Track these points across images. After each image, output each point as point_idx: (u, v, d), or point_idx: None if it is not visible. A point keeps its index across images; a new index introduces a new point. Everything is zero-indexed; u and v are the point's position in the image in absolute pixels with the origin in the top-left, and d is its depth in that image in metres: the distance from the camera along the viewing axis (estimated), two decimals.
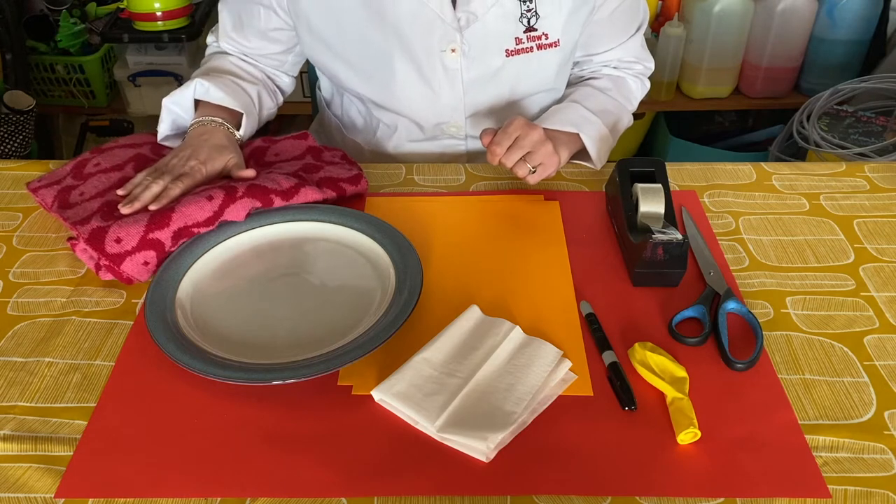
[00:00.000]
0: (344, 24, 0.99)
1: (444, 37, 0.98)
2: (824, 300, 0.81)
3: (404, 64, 1.00)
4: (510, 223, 0.92)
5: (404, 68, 1.01)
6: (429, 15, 0.96)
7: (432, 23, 0.97)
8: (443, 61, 1.00)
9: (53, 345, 0.76)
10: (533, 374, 0.71)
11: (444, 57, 1.00)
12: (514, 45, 1.00)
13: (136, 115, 2.09)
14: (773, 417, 0.68)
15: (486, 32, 0.98)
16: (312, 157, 0.98)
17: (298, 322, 0.77)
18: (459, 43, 0.98)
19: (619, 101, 1.09)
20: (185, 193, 0.88)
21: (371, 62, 1.02)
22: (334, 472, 0.64)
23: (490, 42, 0.99)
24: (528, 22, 0.99)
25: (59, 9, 1.98)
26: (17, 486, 0.63)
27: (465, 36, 0.98)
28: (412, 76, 1.02)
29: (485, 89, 1.04)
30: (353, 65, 1.03)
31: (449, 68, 1.01)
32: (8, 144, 1.78)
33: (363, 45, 1.00)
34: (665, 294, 0.81)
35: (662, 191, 0.84)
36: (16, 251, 0.89)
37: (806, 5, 1.95)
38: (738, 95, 2.15)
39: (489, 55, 1.00)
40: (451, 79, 1.02)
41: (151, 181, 0.88)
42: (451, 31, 0.98)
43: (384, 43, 0.99)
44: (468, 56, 1.00)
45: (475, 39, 0.99)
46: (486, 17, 0.97)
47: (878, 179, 1.00)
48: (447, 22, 0.97)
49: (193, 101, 1.01)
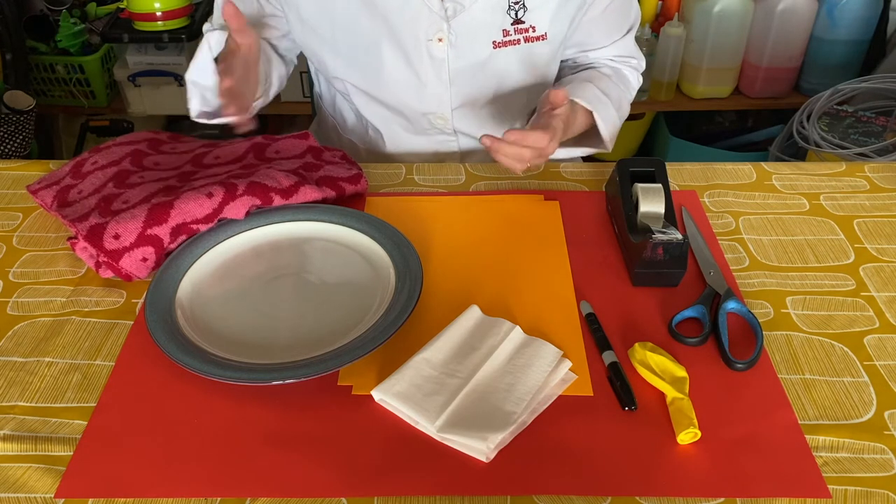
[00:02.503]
0: (333, 12, 0.99)
1: (430, 26, 0.98)
2: (824, 300, 0.81)
3: (392, 52, 1.01)
4: (510, 223, 0.92)
5: (392, 56, 1.01)
6: (416, 3, 0.96)
7: (419, 11, 0.97)
8: (429, 50, 1.00)
9: (53, 345, 0.76)
10: (533, 374, 0.71)
11: (431, 46, 1.00)
12: (502, 36, 1.00)
13: (136, 115, 2.09)
14: (773, 417, 0.68)
15: (473, 23, 0.99)
16: (313, 156, 0.98)
17: (298, 322, 0.77)
18: (446, 32, 0.99)
19: (621, 88, 1.09)
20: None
21: (359, 50, 1.02)
22: (334, 472, 0.64)
23: (477, 33, 0.99)
24: (515, 14, 0.99)
25: (59, 9, 1.98)
26: (17, 486, 0.63)
27: (452, 25, 0.98)
28: (399, 64, 1.02)
29: (471, 81, 1.04)
30: (342, 52, 1.04)
31: (435, 57, 1.01)
32: (8, 144, 1.78)
33: (352, 32, 1.00)
34: (665, 294, 0.81)
35: (662, 191, 0.84)
36: (16, 251, 0.89)
37: (806, 5, 1.95)
38: (738, 95, 2.15)
39: (476, 46, 1.00)
40: (437, 68, 1.02)
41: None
42: (437, 20, 0.98)
43: (372, 31, 0.99)
44: (455, 46, 1.00)
45: (462, 29, 0.99)
46: (473, 8, 0.97)
47: (878, 179, 1.00)
48: (434, 11, 0.97)
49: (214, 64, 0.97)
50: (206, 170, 0.95)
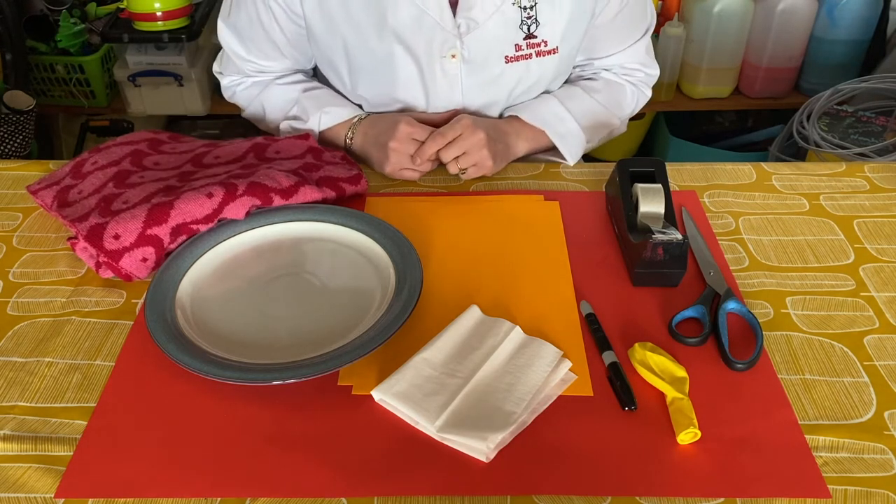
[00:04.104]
0: (345, 32, 0.99)
1: (444, 43, 0.98)
2: (824, 300, 0.81)
3: (405, 70, 1.01)
4: (510, 223, 0.92)
5: (405, 73, 1.01)
6: (429, 22, 0.96)
7: (432, 29, 0.97)
8: (443, 67, 1.00)
9: (53, 345, 0.76)
10: (533, 374, 0.71)
11: (445, 63, 1.00)
12: (514, 51, 1.00)
13: (136, 115, 2.09)
14: (773, 417, 0.68)
15: (486, 39, 0.99)
16: (313, 156, 0.98)
17: (298, 322, 0.77)
18: (460, 49, 0.99)
19: (605, 106, 1.10)
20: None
21: (373, 69, 1.02)
22: (334, 472, 0.64)
23: (490, 48, 1.00)
24: (527, 29, 0.99)
25: (59, 9, 1.97)
26: (17, 486, 0.63)
27: (466, 42, 0.98)
28: (413, 81, 1.02)
29: (482, 94, 1.05)
30: (355, 70, 1.04)
31: (449, 73, 1.01)
32: (8, 144, 1.78)
33: (365, 51, 1.00)
34: (665, 294, 0.81)
35: (662, 191, 0.84)
36: (16, 251, 0.89)
37: (806, 5, 1.95)
38: (738, 95, 2.15)
39: (489, 61, 1.01)
40: (450, 84, 1.02)
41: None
42: (451, 38, 0.98)
43: (385, 49, 0.99)
44: (468, 62, 1.00)
45: (475, 45, 0.99)
46: (487, 24, 0.97)
47: (878, 179, 1.00)
48: (447, 28, 0.97)
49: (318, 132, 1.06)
50: (206, 170, 0.95)
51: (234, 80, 1.13)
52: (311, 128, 1.05)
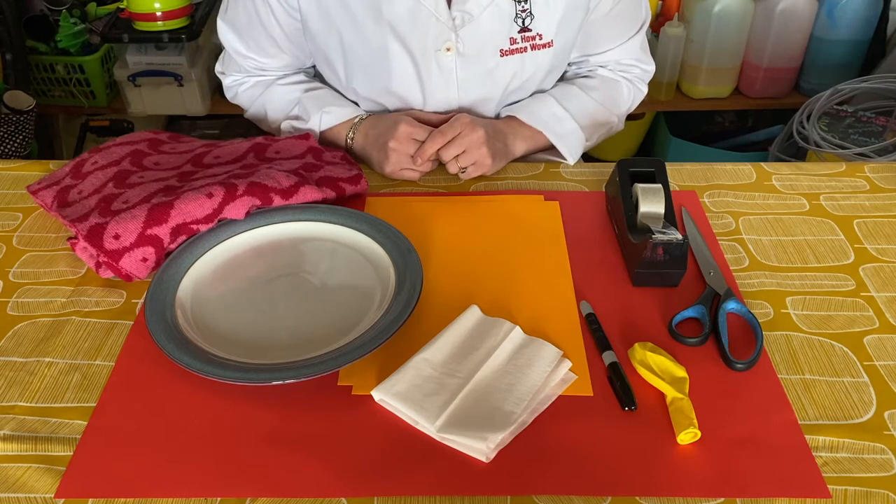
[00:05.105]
0: (340, 25, 0.99)
1: (439, 36, 0.98)
2: (824, 300, 0.81)
3: (400, 62, 1.01)
4: (510, 223, 0.92)
5: (400, 67, 1.01)
6: (424, 14, 0.97)
7: (427, 22, 0.97)
8: (438, 60, 1.00)
9: (53, 345, 0.76)
10: (533, 375, 0.71)
11: (440, 56, 1.00)
12: (509, 45, 1.00)
13: (136, 115, 2.09)
14: (773, 417, 0.68)
15: (481, 32, 0.99)
16: (313, 156, 0.98)
17: (298, 322, 0.77)
18: (455, 42, 0.99)
19: (602, 104, 1.10)
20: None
21: (368, 62, 1.02)
22: (334, 472, 0.64)
23: (485, 41, 1.00)
24: (522, 22, 0.99)
25: (59, 9, 1.97)
26: (17, 486, 0.63)
27: (461, 35, 0.98)
28: (409, 74, 1.02)
29: (478, 88, 1.05)
30: (350, 64, 1.04)
31: (444, 67, 1.01)
32: (8, 144, 1.78)
33: (360, 44, 1.00)
34: (665, 294, 0.81)
35: (662, 191, 0.84)
36: (16, 251, 0.89)
37: (806, 5, 1.95)
38: (738, 95, 2.15)
39: (484, 54, 1.01)
40: (445, 77, 1.02)
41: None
42: (446, 31, 0.98)
43: (380, 42, 0.99)
44: (463, 55, 1.00)
45: (470, 39, 0.99)
46: (482, 17, 0.98)
47: (878, 179, 1.00)
48: (442, 21, 0.97)
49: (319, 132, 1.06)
50: (206, 170, 0.95)
51: (236, 80, 1.13)
52: (311, 127, 1.05)
